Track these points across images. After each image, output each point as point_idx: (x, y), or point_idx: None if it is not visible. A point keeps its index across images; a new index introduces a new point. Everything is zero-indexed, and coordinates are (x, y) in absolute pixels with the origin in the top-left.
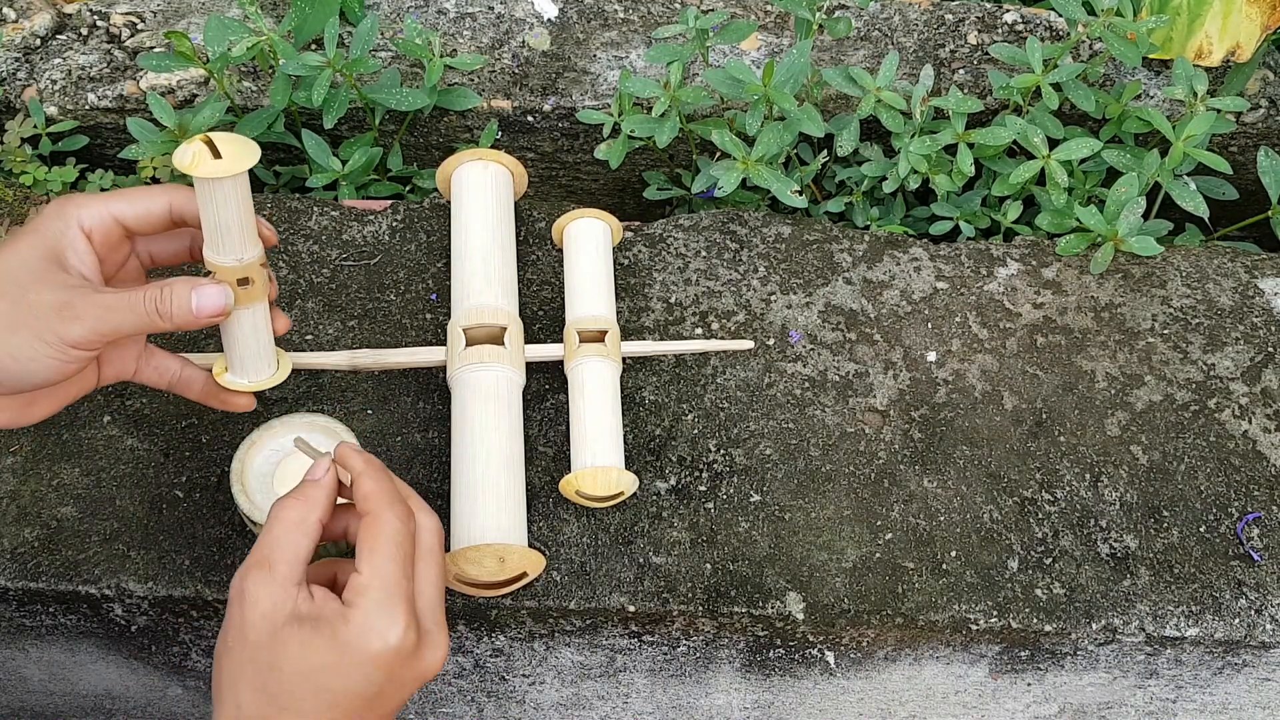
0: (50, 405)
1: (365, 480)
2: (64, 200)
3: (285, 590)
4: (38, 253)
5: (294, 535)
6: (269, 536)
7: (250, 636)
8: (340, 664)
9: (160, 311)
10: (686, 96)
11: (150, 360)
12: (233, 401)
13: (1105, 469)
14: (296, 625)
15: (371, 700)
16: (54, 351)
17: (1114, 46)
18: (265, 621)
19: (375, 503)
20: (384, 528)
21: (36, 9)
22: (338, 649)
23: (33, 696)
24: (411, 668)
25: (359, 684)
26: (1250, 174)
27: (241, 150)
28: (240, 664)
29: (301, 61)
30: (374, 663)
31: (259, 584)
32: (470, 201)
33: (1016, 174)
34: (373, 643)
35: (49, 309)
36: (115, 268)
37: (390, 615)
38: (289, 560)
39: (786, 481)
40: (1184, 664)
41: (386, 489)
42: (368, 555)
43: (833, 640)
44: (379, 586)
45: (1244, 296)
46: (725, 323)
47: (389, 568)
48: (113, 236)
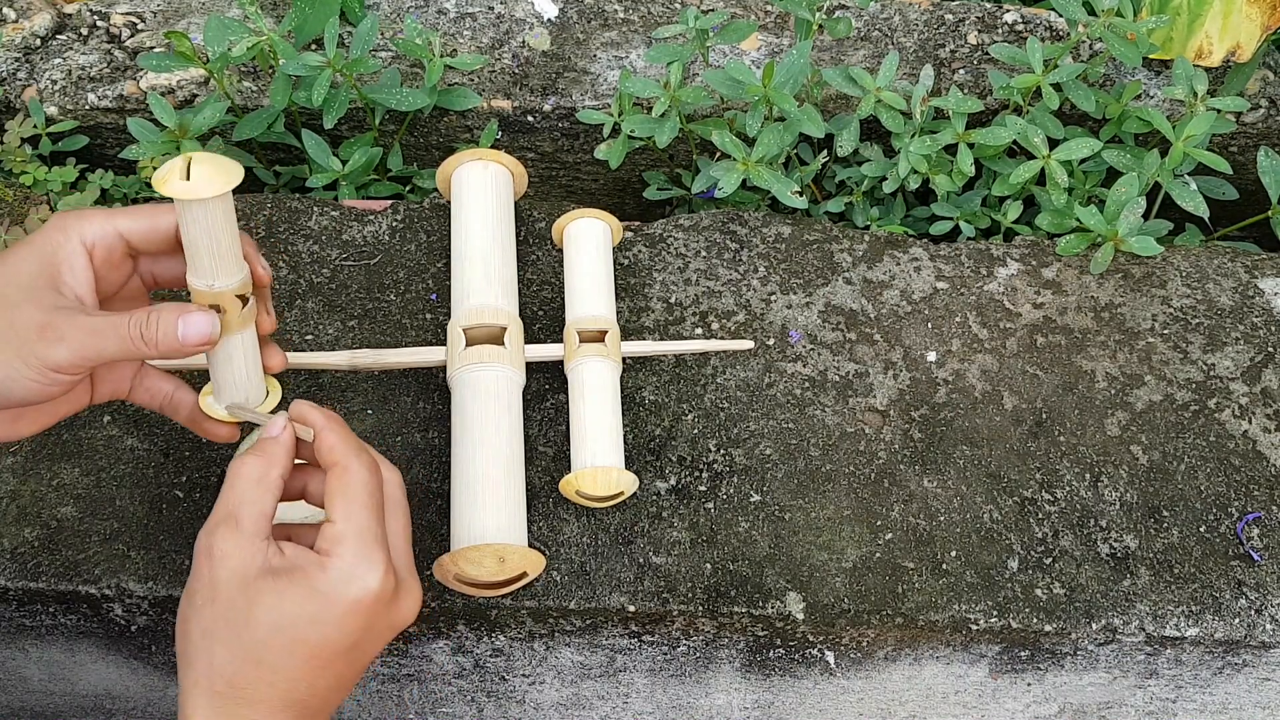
0: (38, 422)
1: (328, 433)
2: (68, 214)
3: (254, 544)
4: (32, 268)
5: (257, 491)
6: (231, 493)
7: (221, 593)
8: (318, 614)
9: (145, 338)
10: (686, 97)
11: (143, 381)
12: (213, 431)
13: (1105, 469)
14: (271, 578)
15: (349, 650)
16: (34, 374)
17: (1114, 47)
18: (236, 576)
19: (342, 453)
20: (353, 477)
21: (36, 9)
22: (316, 598)
23: (33, 696)
24: (388, 616)
25: (336, 633)
26: (1250, 174)
27: (217, 173)
28: (212, 621)
29: (301, 61)
30: (353, 610)
31: (226, 539)
32: (470, 201)
33: (1016, 174)
34: (352, 589)
35: (32, 329)
36: (116, 286)
37: (369, 561)
38: (254, 516)
39: (786, 481)
40: (1184, 664)
41: (350, 440)
42: (341, 504)
43: (833, 640)
44: (355, 533)
45: (1244, 296)
46: (725, 323)
47: (363, 515)
48: (115, 254)
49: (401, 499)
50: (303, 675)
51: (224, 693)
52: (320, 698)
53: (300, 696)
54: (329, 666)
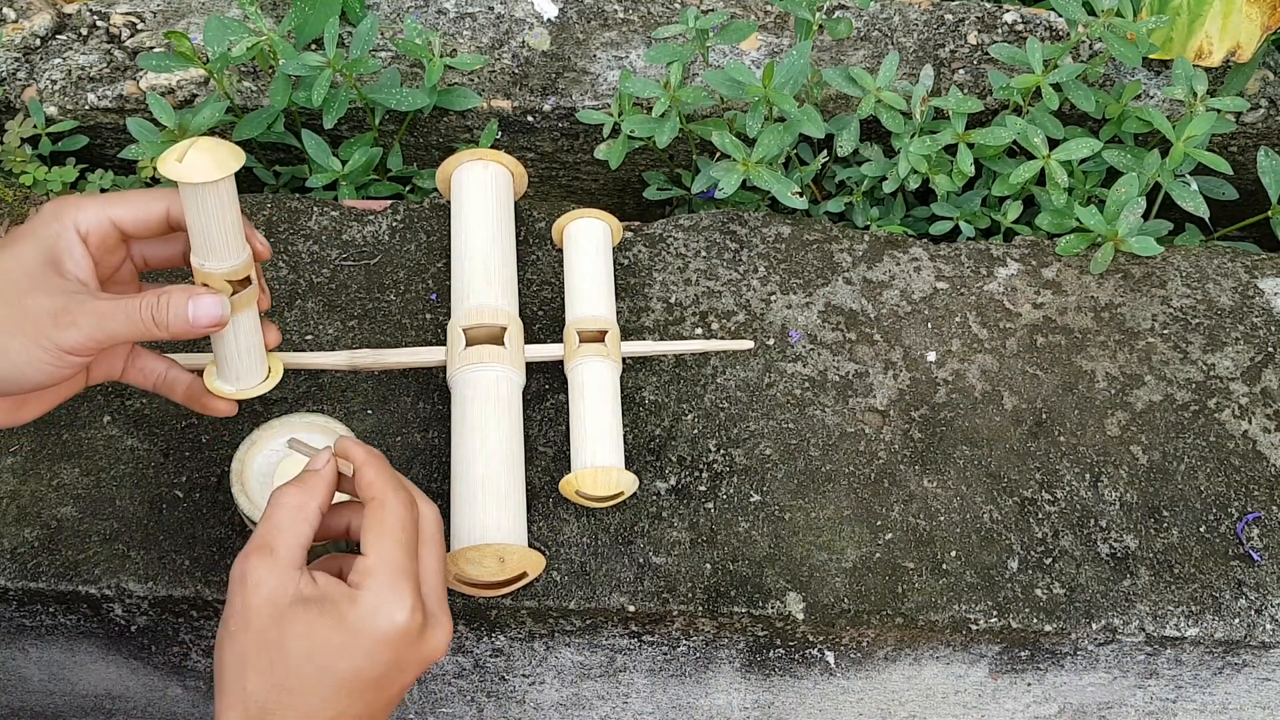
0: (40, 406)
1: (368, 469)
2: (61, 202)
3: (288, 573)
4: (35, 256)
5: (294, 520)
6: (269, 522)
7: (254, 621)
8: (347, 645)
9: (156, 320)
10: (686, 97)
11: (136, 361)
12: (214, 406)
13: (1105, 469)
14: (302, 607)
15: (377, 682)
16: (49, 357)
17: (1114, 47)
18: (269, 605)
19: (379, 490)
20: (388, 513)
21: (36, 9)
22: (345, 630)
23: (33, 696)
24: (417, 649)
25: (365, 665)
26: (1250, 174)
27: (223, 156)
28: (244, 648)
29: (301, 61)
30: (381, 643)
31: (261, 568)
32: (470, 201)
33: (1016, 174)
34: (380, 623)
35: (45, 314)
36: (110, 270)
37: (397, 596)
38: (290, 545)
39: (786, 481)
40: (1184, 664)
41: (390, 477)
42: (374, 539)
43: (833, 640)
44: (385, 568)
45: (1244, 296)
46: (725, 323)
47: (395, 550)
48: (109, 240)
49: (436, 535)
50: (332, 703)
51: (257, 718)
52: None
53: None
54: (359, 697)
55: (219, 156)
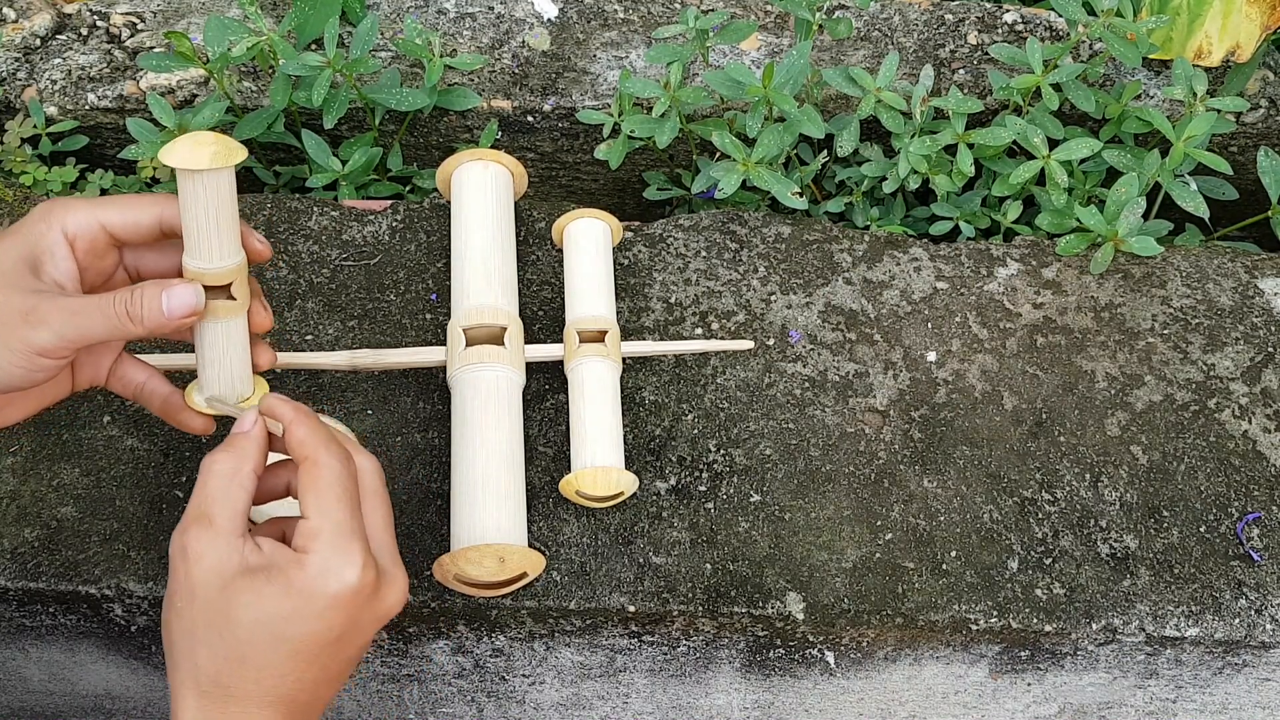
0: (24, 409)
1: (297, 427)
2: (51, 204)
3: (229, 543)
4: (13, 256)
5: (229, 487)
6: (203, 491)
7: (199, 594)
8: (298, 610)
9: (130, 314)
10: (686, 97)
11: (118, 368)
12: (189, 422)
13: (1105, 469)
14: (248, 577)
15: (333, 645)
16: (20, 359)
17: (1114, 47)
18: (213, 576)
19: (311, 448)
20: (324, 470)
21: (36, 9)
22: (294, 595)
23: (33, 696)
24: (372, 608)
25: (319, 629)
26: (1250, 174)
27: (225, 149)
28: (192, 623)
29: (301, 61)
30: (333, 605)
31: (200, 539)
32: (470, 201)
33: (1016, 174)
34: (330, 585)
35: (15, 314)
36: (101, 278)
37: (346, 555)
38: (228, 513)
39: (786, 481)
40: (1184, 664)
41: (320, 433)
42: (313, 499)
43: (833, 640)
44: (330, 528)
45: (1244, 296)
46: (725, 323)
47: (337, 508)
48: (98, 244)
49: (379, 487)
50: (288, 671)
51: (211, 692)
52: (309, 691)
53: (288, 691)
54: (314, 661)
55: (221, 149)
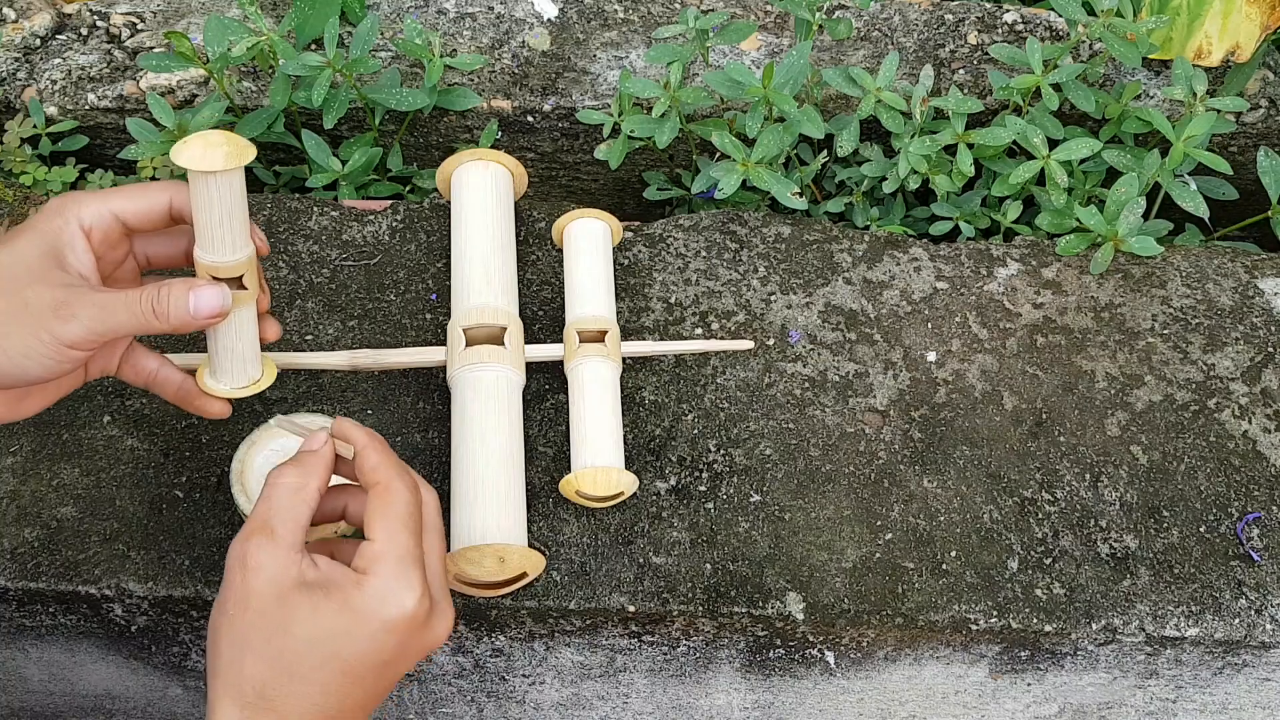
0: (42, 400)
1: (371, 453)
2: (64, 198)
3: (289, 556)
4: (36, 250)
5: (293, 501)
6: (267, 503)
7: (254, 603)
8: (353, 630)
9: (157, 312)
10: (686, 97)
11: (130, 357)
12: (207, 407)
13: (1105, 469)
14: (306, 591)
15: (381, 667)
16: (49, 350)
17: (1114, 47)
18: (271, 587)
19: (384, 474)
20: (395, 497)
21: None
22: (350, 615)
23: (33, 696)
24: (421, 636)
25: (371, 651)
26: (1250, 174)
27: (235, 148)
28: (244, 631)
29: (301, 61)
30: (388, 629)
31: (261, 549)
32: (470, 201)
33: (1016, 174)
34: (389, 609)
35: (46, 307)
36: (113, 267)
37: (406, 582)
38: (290, 527)
39: (786, 481)
40: (1184, 664)
41: (393, 460)
42: (380, 524)
43: (833, 640)
44: (394, 554)
45: (1244, 296)
46: (725, 323)
47: (403, 536)
48: (112, 234)
49: (438, 522)
50: (334, 689)
51: (254, 703)
52: (349, 713)
53: (330, 710)
54: (360, 682)
55: (231, 148)
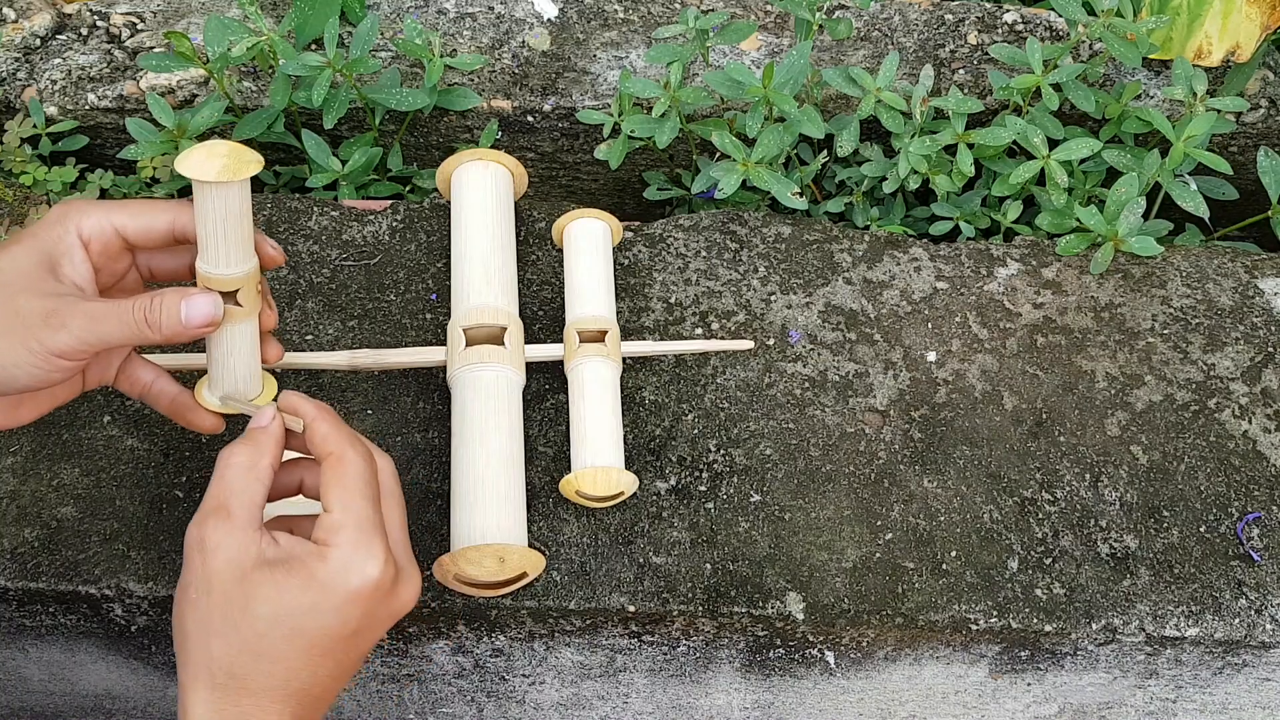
0: (37, 409)
1: (320, 423)
2: (67, 206)
3: (247, 535)
4: (32, 258)
5: (247, 479)
6: (220, 483)
7: (216, 585)
8: (317, 604)
9: (149, 322)
10: (686, 97)
11: (127, 368)
12: (199, 422)
13: (1105, 469)
14: (267, 569)
15: (349, 639)
16: (38, 359)
17: (1114, 47)
18: (231, 568)
19: (336, 444)
20: (349, 466)
21: (36, 9)
22: (314, 588)
23: (33, 696)
24: (388, 604)
25: (336, 623)
26: (1250, 174)
27: (242, 160)
28: (208, 614)
29: (301, 61)
30: (353, 600)
31: (218, 531)
32: (470, 201)
33: (1016, 174)
34: (352, 579)
35: (36, 316)
36: (114, 279)
37: (368, 550)
38: (245, 505)
39: (786, 481)
40: (1184, 664)
41: (344, 430)
42: (337, 494)
43: (833, 640)
44: (353, 523)
45: (1244, 296)
46: (725, 323)
47: (361, 505)
48: (112, 247)
49: (396, 487)
50: (303, 664)
51: (224, 684)
52: (321, 685)
53: (301, 685)
54: (329, 655)
55: (237, 159)
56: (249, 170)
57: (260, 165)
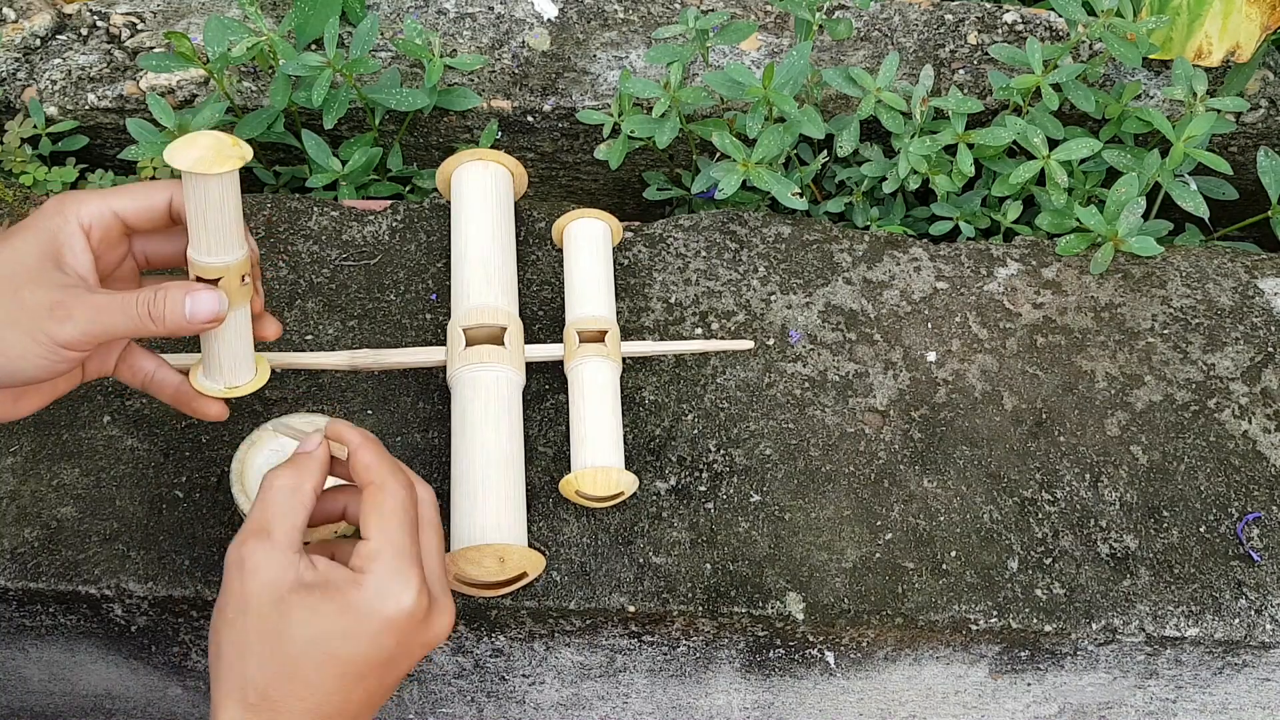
0: (38, 400)
1: (364, 452)
2: (64, 196)
3: (286, 557)
4: (35, 249)
5: (290, 503)
6: (264, 505)
7: (253, 606)
8: (352, 630)
9: (153, 315)
10: (686, 97)
11: (128, 358)
12: (204, 409)
13: (1105, 469)
14: (304, 592)
15: (381, 667)
16: (44, 351)
17: (1114, 47)
18: (269, 590)
19: (378, 473)
20: (389, 496)
21: (36, 9)
22: (350, 614)
23: (33, 696)
24: (421, 634)
25: (370, 650)
26: (1250, 174)
27: (229, 150)
28: (244, 634)
29: (301, 62)
30: (387, 628)
31: (258, 552)
32: (470, 201)
33: (1016, 174)
34: (388, 607)
35: (42, 308)
36: (112, 266)
37: (404, 579)
38: (286, 528)
39: (786, 481)
40: (1184, 664)
41: (388, 460)
42: (376, 522)
43: (833, 640)
44: (391, 552)
45: (1244, 296)
46: (725, 323)
47: (399, 534)
48: (112, 234)
49: (435, 518)
50: (335, 690)
51: (256, 705)
52: (352, 712)
53: (332, 710)
54: (361, 682)
55: (225, 150)
56: (237, 160)
57: (248, 156)
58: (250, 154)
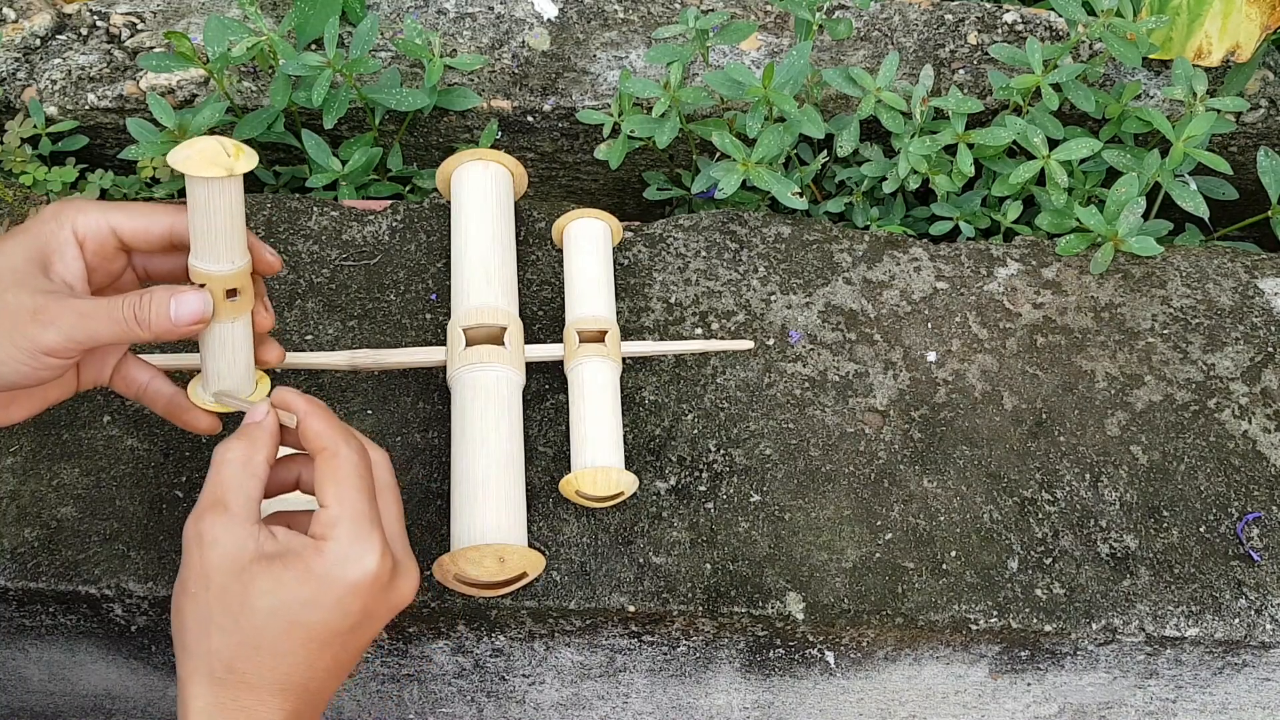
0: (29, 407)
1: (313, 419)
2: (64, 204)
3: (245, 529)
4: (24, 254)
5: (242, 475)
6: (216, 478)
7: (215, 579)
8: (316, 597)
9: (138, 319)
10: (686, 97)
11: (122, 368)
12: (195, 422)
13: (1105, 469)
14: (266, 563)
15: (347, 633)
16: (26, 357)
17: (1114, 47)
18: (229, 562)
19: (329, 439)
20: (344, 461)
21: (36, 9)
22: (313, 582)
23: (33, 696)
24: (386, 598)
25: (335, 616)
26: (1250, 174)
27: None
28: (207, 608)
29: (301, 61)
30: (351, 593)
31: (217, 525)
32: (470, 201)
33: (1016, 174)
34: (350, 572)
35: (24, 313)
36: (110, 279)
37: (365, 543)
38: (242, 500)
39: (786, 481)
40: (1184, 664)
41: (337, 424)
42: (332, 489)
43: (833, 640)
44: (349, 517)
45: (1244, 296)
46: (725, 323)
47: (356, 498)
48: (107, 247)
49: (391, 480)
50: (301, 658)
51: (223, 678)
52: (319, 680)
53: (299, 679)
54: (327, 649)
55: (231, 156)
56: (245, 166)
57: (255, 161)
58: (255, 161)
